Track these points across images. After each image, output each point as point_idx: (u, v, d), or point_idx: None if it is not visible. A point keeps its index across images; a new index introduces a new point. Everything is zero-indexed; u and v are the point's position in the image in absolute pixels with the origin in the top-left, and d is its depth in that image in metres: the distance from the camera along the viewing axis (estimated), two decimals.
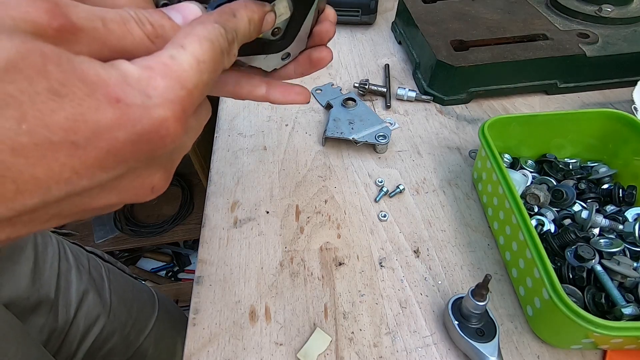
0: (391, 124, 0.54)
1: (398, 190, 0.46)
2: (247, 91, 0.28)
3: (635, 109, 0.48)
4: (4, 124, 0.13)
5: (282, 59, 0.27)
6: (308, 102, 0.30)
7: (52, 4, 0.14)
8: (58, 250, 0.48)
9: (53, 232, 0.51)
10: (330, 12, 0.28)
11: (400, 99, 0.58)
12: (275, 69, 0.28)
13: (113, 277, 0.55)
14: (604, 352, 0.34)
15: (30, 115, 0.13)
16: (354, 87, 0.58)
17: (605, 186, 0.42)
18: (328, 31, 0.27)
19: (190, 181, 1.28)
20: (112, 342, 0.51)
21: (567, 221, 0.40)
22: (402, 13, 0.67)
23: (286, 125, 0.55)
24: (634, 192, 0.40)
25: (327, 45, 0.28)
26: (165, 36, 0.18)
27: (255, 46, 0.25)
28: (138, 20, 0.17)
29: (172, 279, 1.31)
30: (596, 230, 0.39)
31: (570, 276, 0.35)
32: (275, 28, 0.25)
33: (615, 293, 0.33)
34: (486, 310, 0.33)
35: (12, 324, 0.37)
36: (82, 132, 0.14)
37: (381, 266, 0.40)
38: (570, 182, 0.43)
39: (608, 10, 0.58)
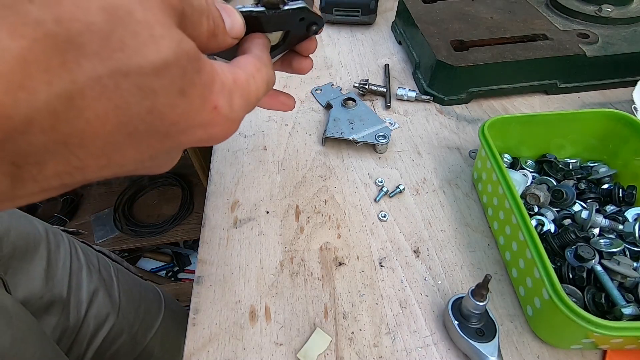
0: (391, 124, 0.54)
1: (398, 190, 0.46)
2: None
3: (635, 109, 0.48)
4: (137, 110, 0.14)
5: None
6: (292, 110, 0.33)
7: None
8: (70, 249, 0.49)
9: (63, 230, 0.51)
10: (312, 44, 0.29)
11: (400, 99, 0.58)
12: None
13: (121, 276, 0.55)
14: (604, 352, 0.34)
15: (158, 108, 0.15)
16: (354, 87, 0.58)
17: (605, 186, 0.42)
18: (306, 66, 0.30)
19: (190, 181, 1.28)
20: (120, 341, 0.51)
21: (567, 221, 0.40)
22: (402, 13, 0.67)
23: (286, 125, 0.55)
24: (634, 192, 0.40)
25: (309, 56, 0.31)
26: (218, 37, 0.20)
27: None
28: (209, 13, 0.18)
29: (172, 279, 1.31)
30: (596, 230, 0.39)
31: (570, 276, 0.35)
32: None
33: (615, 293, 0.33)
34: (486, 310, 0.33)
35: (30, 324, 0.37)
36: (180, 126, 0.16)
37: (381, 266, 0.40)
38: (570, 182, 0.43)
39: (608, 10, 0.58)
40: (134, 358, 0.54)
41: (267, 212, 0.44)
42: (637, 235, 0.37)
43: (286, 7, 0.25)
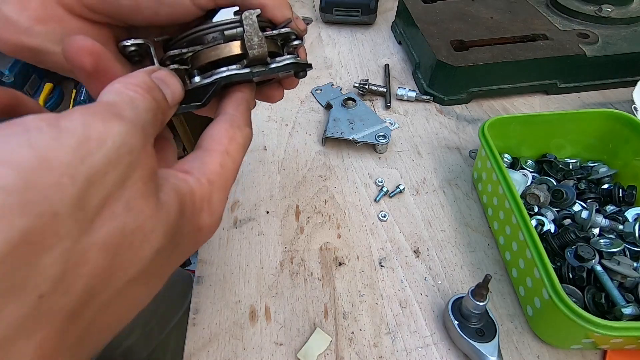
0: (391, 124, 0.54)
1: (398, 190, 0.46)
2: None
3: (635, 109, 0.48)
4: (139, 278, 0.15)
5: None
6: (280, 100, 0.30)
7: None
8: None
9: None
10: (294, 82, 0.28)
11: (400, 99, 0.58)
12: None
13: None
14: (604, 352, 0.34)
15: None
16: (354, 87, 0.58)
17: (605, 186, 0.42)
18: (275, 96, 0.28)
19: None
20: (130, 340, 0.51)
21: (567, 221, 0.40)
22: (402, 13, 0.67)
23: (286, 125, 0.55)
24: (634, 192, 0.40)
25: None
26: (165, 116, 0.19)
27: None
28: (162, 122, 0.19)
29: None
30: (596, 230, 0.39)
31: (570, 276, 0.35)
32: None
33: (615, 293, 0.33)
34: (486, 310, 0.33)
35: None
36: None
37: (381, 266, 0.40)
38: (570, 182, 0.43)
39: (608, 10, 0.58)
40: (149, 351, 0.54)
41: (267, 212, 0.44)
42: (637, 235, 0.37)
43: (273, 66, 0.22)
